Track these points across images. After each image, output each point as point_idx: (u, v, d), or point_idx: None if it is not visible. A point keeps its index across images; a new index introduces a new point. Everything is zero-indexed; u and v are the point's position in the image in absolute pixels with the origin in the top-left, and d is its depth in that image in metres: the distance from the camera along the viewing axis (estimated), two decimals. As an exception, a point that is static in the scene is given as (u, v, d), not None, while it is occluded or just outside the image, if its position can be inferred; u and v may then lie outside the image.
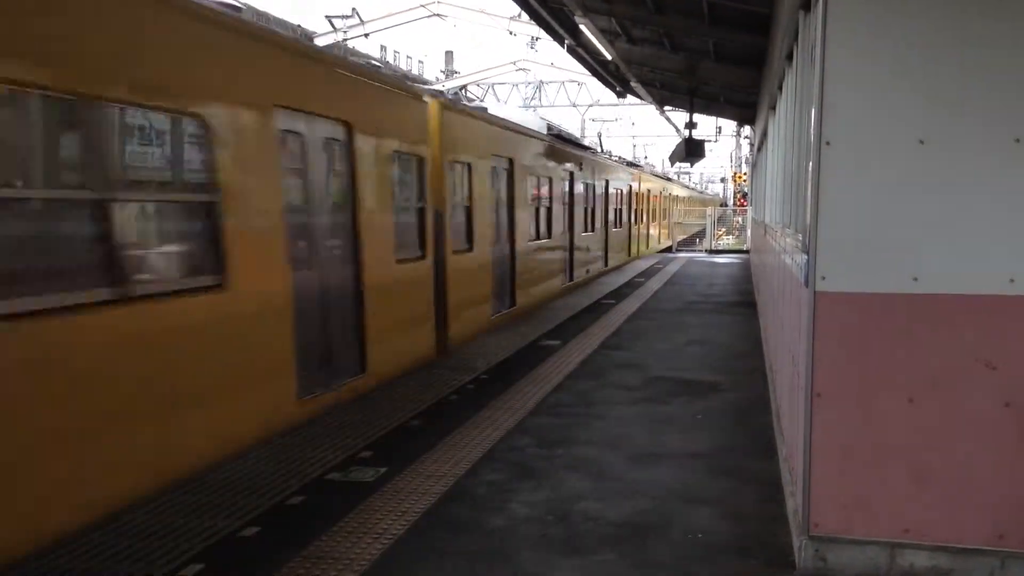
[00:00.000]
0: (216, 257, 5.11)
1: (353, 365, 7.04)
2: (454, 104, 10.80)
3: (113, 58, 4.38)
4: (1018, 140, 3.74)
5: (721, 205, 50.58)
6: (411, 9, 21.72)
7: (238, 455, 5.41)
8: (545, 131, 15.20)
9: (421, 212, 8.68)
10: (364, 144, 7.33)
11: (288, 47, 6.68)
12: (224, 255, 5.14)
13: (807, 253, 4.13)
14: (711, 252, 31.52)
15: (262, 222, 5.71)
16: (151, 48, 4.68)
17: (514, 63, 28.73)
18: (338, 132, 6.93)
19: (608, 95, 25.84)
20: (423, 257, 8.64)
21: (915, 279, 3.91)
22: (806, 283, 4.14)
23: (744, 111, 22.08)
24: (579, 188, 17.12)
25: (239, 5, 8.60)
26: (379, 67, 17.23)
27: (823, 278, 4.01)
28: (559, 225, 15.42)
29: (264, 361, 5.68)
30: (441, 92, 14.16)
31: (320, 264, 6.62)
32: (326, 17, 21.94)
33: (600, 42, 13.72)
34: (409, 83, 10.96)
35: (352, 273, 7.09)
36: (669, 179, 43.13)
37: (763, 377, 8.54)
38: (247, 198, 5.51)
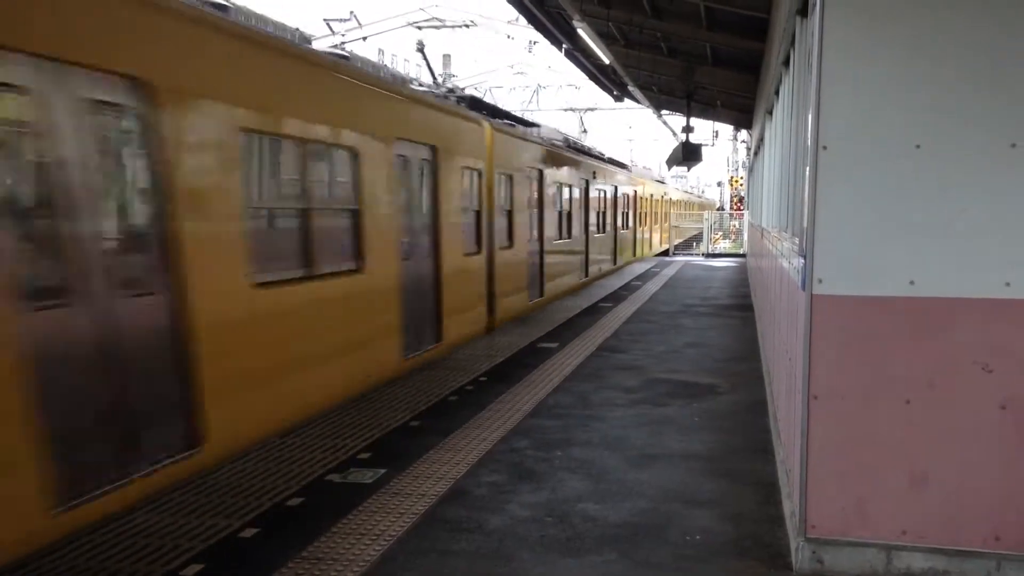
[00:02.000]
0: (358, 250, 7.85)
1: (433, 335, 9.79)
2: (501, 127, 12.92)
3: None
4: (1014, 145, 3.77)
5: (718, 209, 50.63)
6: (409, 12, 21.76)
7: (374, 389, 8.04)
8: (563, 142, 18.40)
9: (478, 215, 11.50)
10: (444, 162, 9.95)
11: (407, 95, 9.47)
12: (362, 249, 7.85)
13: (804, 257, 4.16)
14: (708, 256, 31.56)
15: (385, 225, 8.35)
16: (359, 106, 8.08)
17: (512, 66, 28.78)
18: (428, 153, 9.59)
19: (605, 99, 25.91)
20: (479, 252, 11.56)
21: (912, 283, 3.94)
22: (803, 286, 4.17)
23: (741, 115, 22.15)
24: (592, 193, 19.54)
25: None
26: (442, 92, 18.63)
27: (820, 281, 4.04)
28: (578, 227, 18.13)
29: (386, 327, 8.52)
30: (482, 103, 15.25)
31: (415, 256, 9.24)
32: (324, 20, 21.95)
33: (598, 46, 13.77)
34: (470, 111, 12.10)
35: (433, 264, 9.75)
36: (664, 183, 43.24)
37: (760, 379, 8.58)
38: (378, 208, 8.16)
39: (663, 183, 42.06)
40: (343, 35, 21.50)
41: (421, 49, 15.77)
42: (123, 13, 4.86)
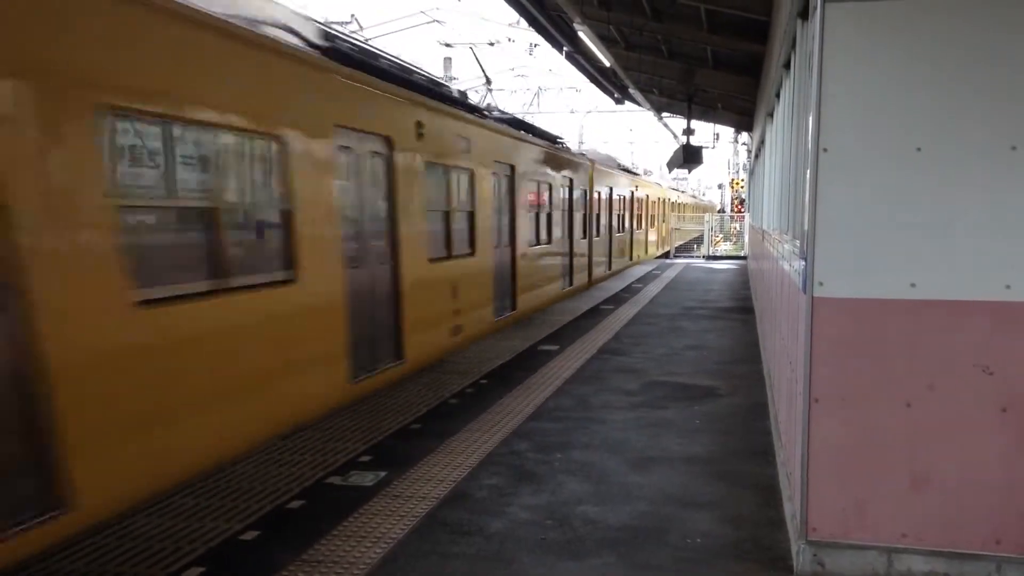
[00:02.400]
0: (472, 241, 10.80)
1: (511, 305, 12.81)
2: (597, 161, 19.77)
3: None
4: (1015, 148, 3.78)
5: (719, 211, 50.62)
6: (410, 15, 21.77)
7: (446, 356, 9.91)
8: (614, 163, 24.49)
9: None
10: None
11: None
12: (475, 241, 10.79)
13: (805, 259, 4.17)
14: (708, 258, 31.56)
15: (490, 224, 11.49)
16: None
17: (512, 69, 28.81)
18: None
19: (606, 101, 25.92)
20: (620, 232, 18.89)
21: (912, 285, 3.94)
22: (804, 289, 4.17)
23: (742, 118, 22.15)
24: (615, 196, 22.85)
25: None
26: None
27: (821, 284, 4.05)
28: (603, 226, 21.34)
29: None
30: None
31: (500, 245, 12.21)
32: (326, 22, 21.97)
33: (598, 49, 13.77)
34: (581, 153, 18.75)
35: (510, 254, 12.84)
36: (661, 186, 43.31)
37: (761, 382, 8.57)
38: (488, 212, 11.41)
39: (660, 186, 42.16)
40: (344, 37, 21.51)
41: (488, 81, 20.05)
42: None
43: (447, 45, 21.97)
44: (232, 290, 5.68)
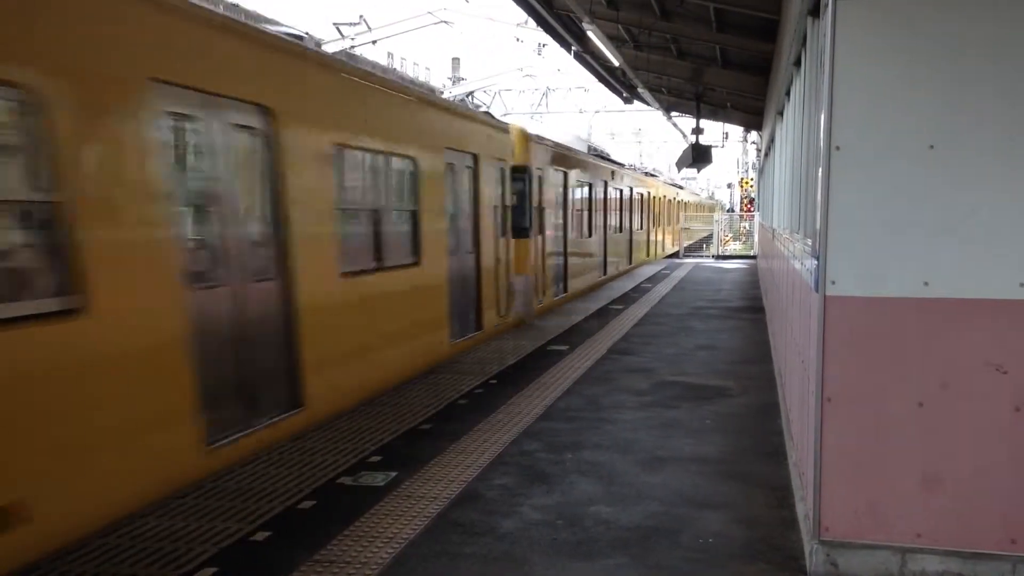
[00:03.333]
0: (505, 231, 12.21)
1: (562, 289, 15.60)
2: (624, 168, 22.97)
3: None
4: (1028, 145, 3.75)
5: (729, 211, 50.51)
6: (418, 16, 21.79)
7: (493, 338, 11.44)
8: (626, 164, 26.21)
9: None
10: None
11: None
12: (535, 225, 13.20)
13: (817, 258, 4.15)
14: (718, 258, 31.49)
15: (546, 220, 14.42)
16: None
17: (521, 69, 28.78)
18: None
19: (615, 101, 25.89)
20: (591, 235, 18.59)
21: (925, 283, 3.92)
22: (816, 288, 4.15)
23: (751, 117, 22.11)
24: (635, 196, 24.48)
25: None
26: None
27: (833, 283, 4.03)
28: (626, 223, 23.23)
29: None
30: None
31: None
32: (334, 24, 22.01)
33: (607, 48, 13.76)
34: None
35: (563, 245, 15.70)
36: (679, 186, 43.31)
37: (772, 382, 8.54)
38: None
39: (679, 186, 42.29)
40: (352, 39, 21.55)
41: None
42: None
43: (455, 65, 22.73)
44: (387, 268, 8.28)
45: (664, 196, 32.39)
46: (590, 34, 12.97)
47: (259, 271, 6.28)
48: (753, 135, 34.69)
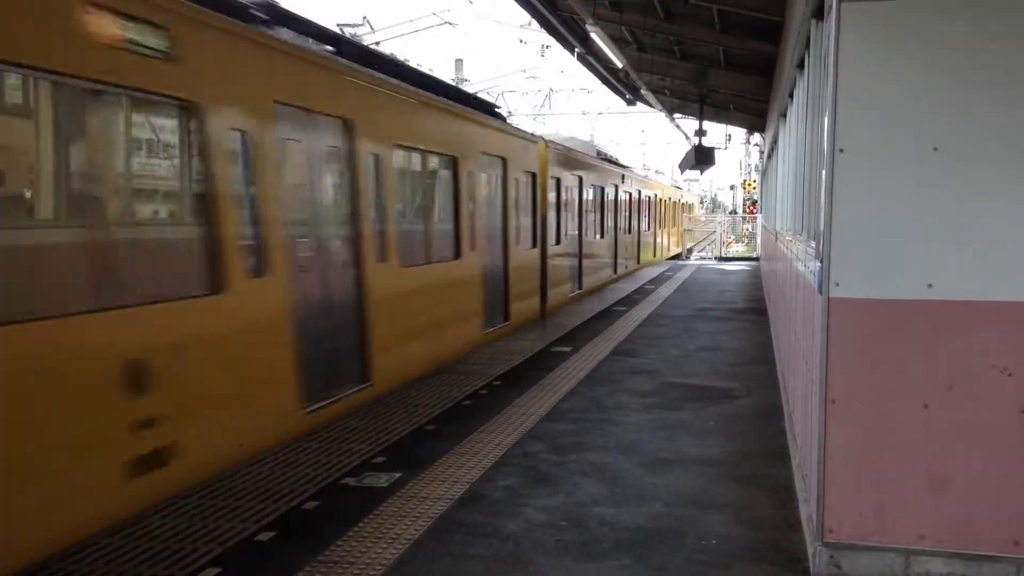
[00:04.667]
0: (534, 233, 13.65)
1: (576, 286, 16.55)
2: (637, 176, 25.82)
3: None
4: (1033, 147, 3.75)
5: (731, 213, 50.47)
6: (422, 17, 21.83)
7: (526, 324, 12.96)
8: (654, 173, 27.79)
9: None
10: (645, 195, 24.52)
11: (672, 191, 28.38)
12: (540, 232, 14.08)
13: (821, 260, 4.15)
14: (721, 259, 31.50)
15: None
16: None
17: (524, 71, 28.81)
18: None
19: (618, 102, 25.90)
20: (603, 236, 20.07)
21: (930, 285, 3.92)
22: (820, 290, 4.16)
23: (754, 119, 22.11)
24: (643, 198, 25.58)
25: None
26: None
27: (837, 284, 4.03)
28: (634, 224, 24.48)
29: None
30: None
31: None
32: (338, 25, 22.05)
33: (610, 50, 13.77)
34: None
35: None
36: (677, 186, 43.31)
37: (775, 383, 8.55)
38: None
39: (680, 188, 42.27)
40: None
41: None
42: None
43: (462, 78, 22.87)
44: (432, 262, 9.52)
45: (669, 198, 32.72)
46: (593, 36, 12.98)
47: (344, 263, 7.66)
48: (756, 137, 34.68)
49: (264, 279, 6.09)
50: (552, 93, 36.24)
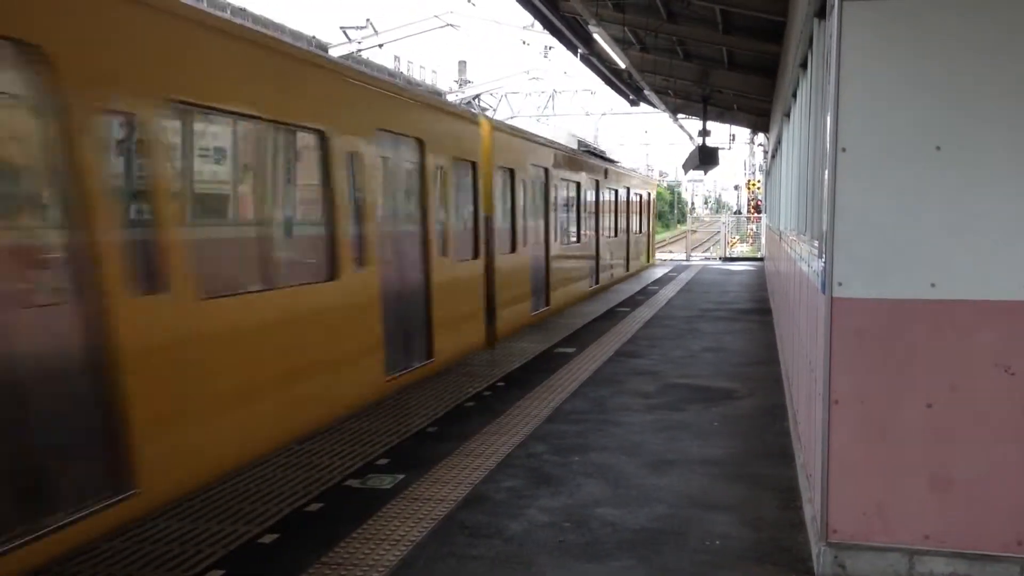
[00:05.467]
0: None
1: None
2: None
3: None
4: (1035, 145, 3.74)
5: (735, 213, 50.44)
6: (425, 19, 21.85)
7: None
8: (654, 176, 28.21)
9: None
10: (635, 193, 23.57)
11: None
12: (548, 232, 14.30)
13: (823, 259, 4.14)
14: (725, 260, 31.47)
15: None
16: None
17: (527, 72, 28.82)
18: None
19: (621, 103, 25.87)
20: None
21: (933, 285, 3.91)
22: (823, 289, 4.15)
23: (758, 119, 22.09)
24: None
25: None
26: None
27: (840, 284, 4.02)
28: (644, 226, 25.86)
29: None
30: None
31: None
32: (340, 28, 22.08)
33: (613, 50, 13.77)
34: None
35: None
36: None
37: (778, 383, 8.53)
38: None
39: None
40: (359, 43, 21.60)
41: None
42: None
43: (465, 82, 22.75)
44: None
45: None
46: (596, 37, 12.98)
47: (414, 259, 8.85)
48: (760, 137, 34.66)
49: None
50: (556, 94, 36.22)
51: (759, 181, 38.51)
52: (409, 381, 8.50)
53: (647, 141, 61.96)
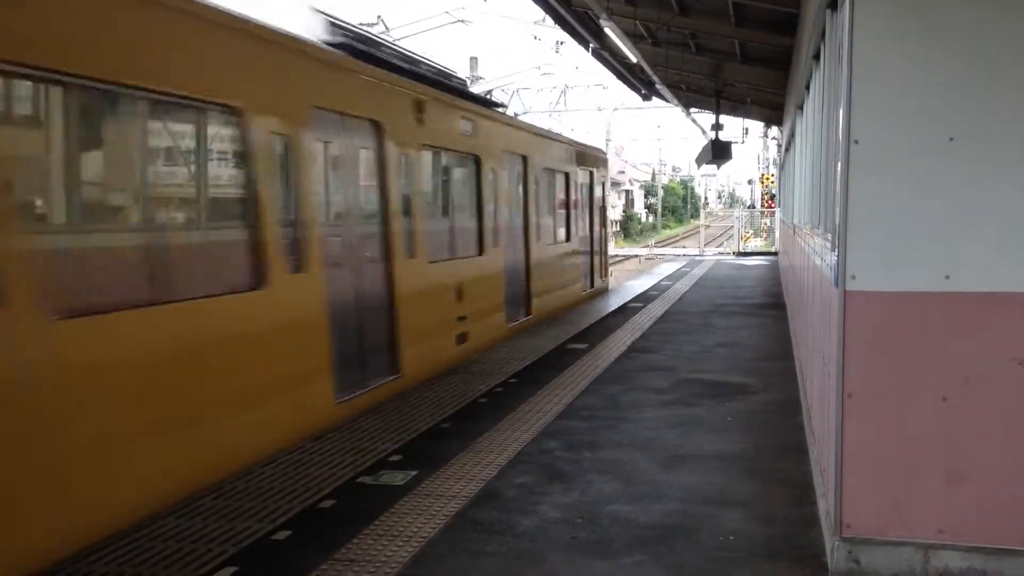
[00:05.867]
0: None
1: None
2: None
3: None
4: (1051, 136, 3.70)
5: (749, 207, 50.26)
6: (435, 15, 21.85)
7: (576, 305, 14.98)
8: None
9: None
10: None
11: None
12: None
13: (836, 253, 4.11)
14: (739, 254, 31.36)
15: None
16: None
17: (538, 67, 28.78)
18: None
19: (634, 98, 25.80)
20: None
21: (947, 277, 3.87)
22: (836, 283, 4.11)
23: (771, 112, 21.99)
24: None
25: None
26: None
27: (853, 277, 3.99)
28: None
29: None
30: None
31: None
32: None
33: (625, 45, 13.72)
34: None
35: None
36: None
37: (793, 378, 8.48)
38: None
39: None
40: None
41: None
42: None
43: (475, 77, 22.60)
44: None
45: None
46: (607, 31, 12.93)
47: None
48: (774, 130, 34.49)
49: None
50: (567, 89, 36.15)
51: (772, 175, 38.35)
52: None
53: (660, 136, 61.77)
